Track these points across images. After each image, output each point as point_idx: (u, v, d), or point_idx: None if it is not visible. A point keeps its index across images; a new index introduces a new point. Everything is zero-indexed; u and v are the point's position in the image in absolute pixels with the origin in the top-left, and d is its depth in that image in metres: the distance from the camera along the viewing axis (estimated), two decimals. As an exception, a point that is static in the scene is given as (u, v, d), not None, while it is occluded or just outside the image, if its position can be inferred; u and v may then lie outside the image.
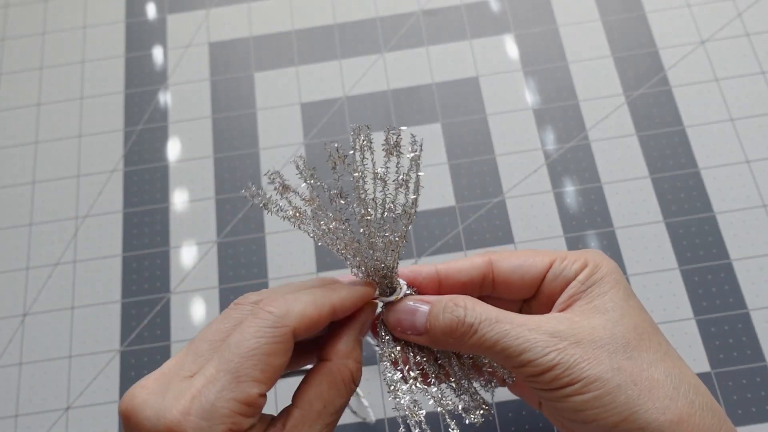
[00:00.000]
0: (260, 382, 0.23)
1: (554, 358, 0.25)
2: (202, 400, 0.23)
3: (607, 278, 0.27)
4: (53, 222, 0.43)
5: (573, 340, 0.26)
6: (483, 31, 0.46)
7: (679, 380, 0.26)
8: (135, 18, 0.49)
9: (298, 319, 0.25)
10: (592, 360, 0.25)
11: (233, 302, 0.26)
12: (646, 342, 0.26)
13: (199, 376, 0.24)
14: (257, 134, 0.44)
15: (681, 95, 0.43)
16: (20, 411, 0.38)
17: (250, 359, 0.24)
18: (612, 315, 0.26)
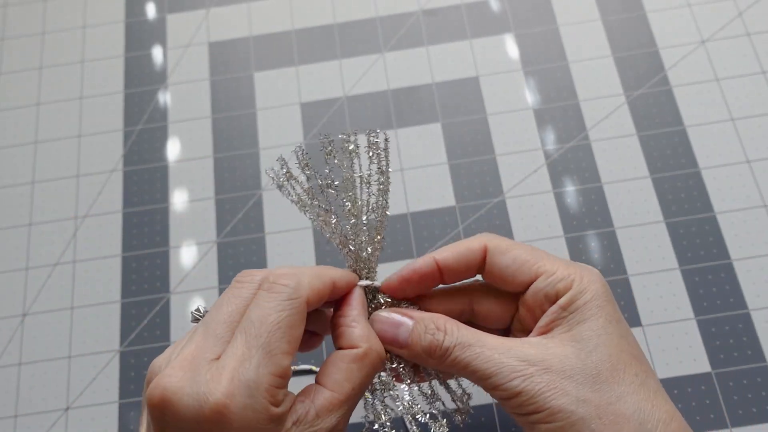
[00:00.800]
0: (288, 353, 0.25)
1: (518, 385, 0.26)
2: (242, 378, 0.24)
3: (589, 304, 0.27)
4: (53, 222, 0.43)
5: (542, 366, 0.26)
6: (483, 31, 0.46)
7: (648, 415, 0.25)
8: (135, 18, 0.49)
9: (309, 290, 0.26)
10: (558, 390, 0.25)
11: (234, 280, 0.27)
12: (621, 373, 0.26)
13: (228, 357, 0.24)
14: (257, 134, 0.44)
15: (681, 95, 0.43)
16: (20, 411, 0.38)
17: (277, 333, 0.24)
18: (587, 344, 0.26)
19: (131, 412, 0.38)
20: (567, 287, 0.27)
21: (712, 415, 0.35)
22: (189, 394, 0.24)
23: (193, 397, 0.24)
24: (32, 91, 0.47)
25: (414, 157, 0.43)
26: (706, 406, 0.36)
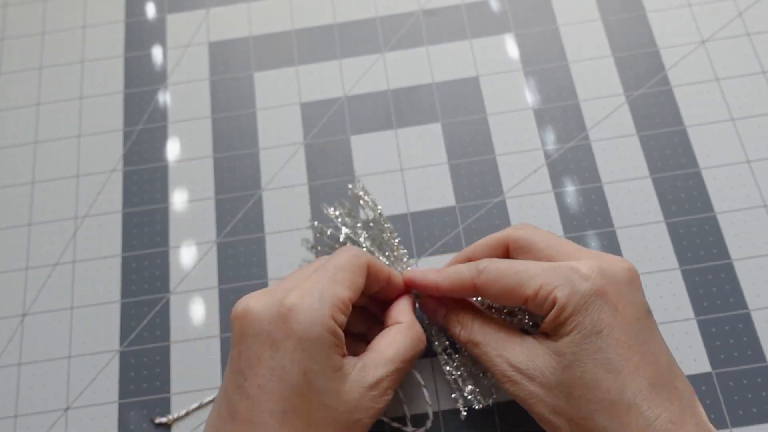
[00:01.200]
0: (349, 288, 0.30)
1: (508, 389, 0.30)
2: (312, 291, 0.29)
3: (569, 320, 0.28)
4: (52, 222, 0.43)
5: (528, 375, 0.29)
6: (483, 31, 0.46)
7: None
8: (134, 18, 0.49)
9: (369, 260, 0.32)
10: (538, 399, 0.29)
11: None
12: (592, 390, 0.28)
13: (302, 281, 0.30)
14: (257, 134, 0.44)
15: (681, 95, 0.43)
16: (19, 411, 0.38)
17: (342, 270, 0.30)
18: (565, 359, 0.28)
19: (131, 412, 0.38)
20: (551, 305, 0.29)
21: (713, 415, 0.35)
22: (267, 302, 0.29)
23: (270, 304, 0.29)
24: (32, 91, 0.47)
25: (414, 157, 0.43)
26: (706, 407, 0.35)
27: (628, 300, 0.29)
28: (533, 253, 0.32)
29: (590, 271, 0.29)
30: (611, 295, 0.29)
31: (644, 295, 0.30)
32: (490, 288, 0.31)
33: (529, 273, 0.30)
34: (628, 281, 0.30)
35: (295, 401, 0.28)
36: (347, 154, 0.43)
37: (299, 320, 0.28)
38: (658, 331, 0.30)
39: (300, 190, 0.42)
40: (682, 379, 0.29)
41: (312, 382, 0.28)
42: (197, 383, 0.38)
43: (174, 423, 0.37)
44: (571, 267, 0.29)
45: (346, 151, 0.43)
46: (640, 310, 0.29)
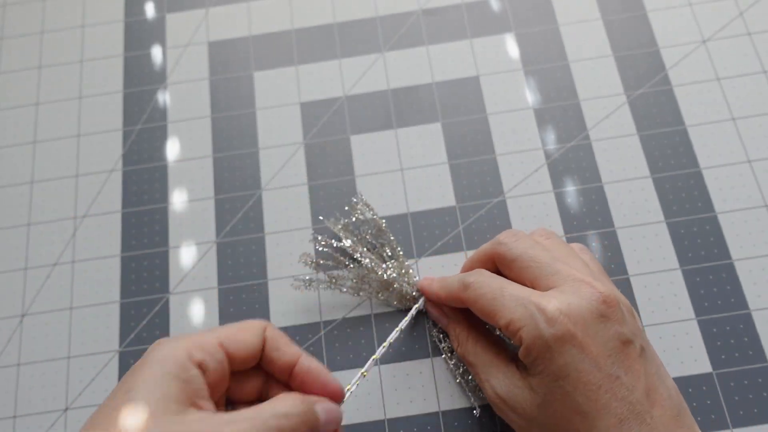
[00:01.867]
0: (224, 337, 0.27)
1: (496, 412, 0.32)
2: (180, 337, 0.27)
3: (537, 361, 0.29)
4: (52, 222, 0.43)
5: (510, 405, 0.31)
6: (483, 31, 0.46)
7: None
8: (134, 17, 0.49)
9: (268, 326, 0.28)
10: (518, 428, 0.31)
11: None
12: (565, 428, 0.29)
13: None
14: (257, 134, 0.44)
15: (682, 94, 0.43)
16: (18, 412, 0.38)
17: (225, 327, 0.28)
18: (538, 396, 0.29)
19: (130, 412, 0.38)
20: (519, 341, 0.30)
21: (713, 415, 0.35)
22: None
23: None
24: (31, 91, 0.47)
25: (414, 157, 0.43)
26: (707, 407, 0.35)
27: (600, 337, 0.29)
28: (514, 271, 0.32)
29: (556, 313, 0.28)
30: (579, 337, 0.28)
31: (623, 323, 0.29)
32: (473, 305, 0.32)
33: (502, 303, 0.30)
34: (598, 316, 0.29)
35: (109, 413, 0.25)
36: (347, 154, 0.43)
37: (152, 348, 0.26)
38: (641, 355, 0.29)
39: (300, 190, 0.42)
40: (664, 399, 0.29)
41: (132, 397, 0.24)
42: (197, 384, 0.38)
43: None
44: (538, 306, 0.29)
45: (346, 151, 0.43)
46: (612, 345, 0.29)
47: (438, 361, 0.37)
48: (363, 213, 0.40)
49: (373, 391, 0.37)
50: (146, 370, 0.25)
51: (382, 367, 0.37)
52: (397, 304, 0.38)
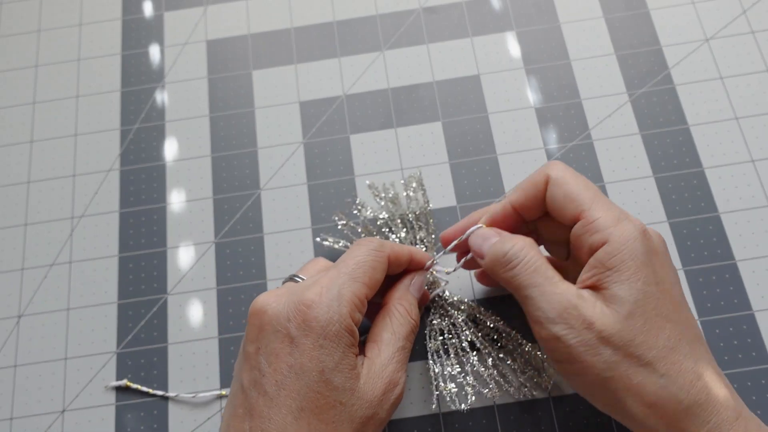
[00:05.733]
0: (367, 285, 0.30)
1: (559, 332, 0.28)
2: (331, 289, 0.29)
3: (625, 265, 0.28)
4: (49, 222, 0.42)
5: (585, 322, 0.27)
6: (484, 29, 0.46)
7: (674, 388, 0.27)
8: (131, 15, 0.48)
9: (390, 249, 0.32)
10: (593, 349, 0.27)
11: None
12: (654, 338, 0.27)
13: (321, 277, 0.30)
14: (255, 133, 0.44)
15: (685, 93, 0.43)
16: (15, 414, 0.38)
17: (361, 267, 0.30)
18: (623, 307, 0.27)
19: (128, 414, 0.37)
20: (602, 241, 0.28)
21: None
22: (286, 299, 0.29)
23: (289, 301, 0.29)
24: (28, 90, 0.46)
25: (414, 157, 0.42)
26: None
27: (670, 265, 0.30)
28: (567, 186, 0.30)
29: (643, 227, 0.29)
30: (663, 255, 0.29)
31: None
32: (558, 189, 0.30)
33: (592, 201, 0.29)
34: (665, 249, 0.30)
35: (312, 398, 0.28)
36: (347, 153, 0.43)
37: (318, 318, 0.28)
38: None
39: (299, 189, 0.42)
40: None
41: (329, 379, 0.28)
42: (195, 385, 0.38)
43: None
44: (628, 216, 0.29)
45: (346, 150, 0.43)
46: (676, 277, 0.30)
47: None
48: (415, 190, 0.40)
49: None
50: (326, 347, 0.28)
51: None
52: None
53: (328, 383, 0.28)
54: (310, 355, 0.28)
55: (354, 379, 0.29)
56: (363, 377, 0.29)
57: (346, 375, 0.28)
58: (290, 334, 0.28)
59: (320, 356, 0.28)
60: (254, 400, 0.28)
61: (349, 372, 0.28)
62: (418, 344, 0.38)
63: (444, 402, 0.36)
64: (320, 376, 0.28)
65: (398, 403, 0.30)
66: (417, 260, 0.34)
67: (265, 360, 0.29)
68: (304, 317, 0.28)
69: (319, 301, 0.29)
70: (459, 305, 0.37)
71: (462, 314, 0.36)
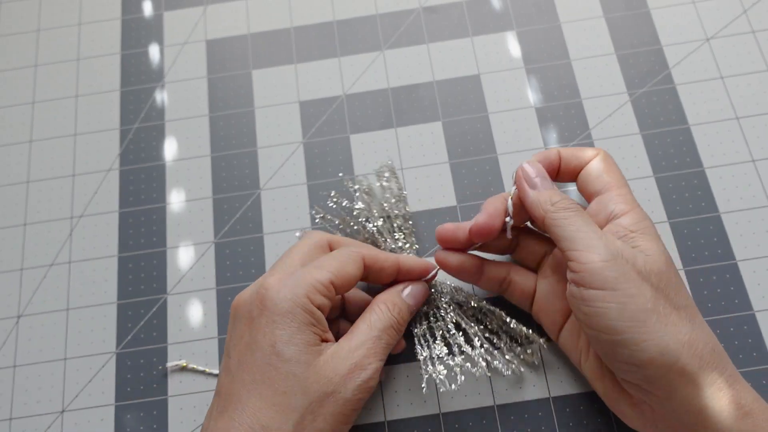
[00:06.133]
0: (334, 273, 0.31)
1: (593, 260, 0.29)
2: (292, 274, 0.31)
3: (650, 230, 0.31)
4: (48, 222, 0.42)
5: (618, 255, 0.29)
6: (484, 28, 0.46)
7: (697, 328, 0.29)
8: (131, 15, 0.48)
9: (368, 251, 0.34)
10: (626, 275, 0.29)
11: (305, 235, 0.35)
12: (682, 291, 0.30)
13: (288, 267, 0.32)
14: (255, 133, 0.44)
15: (685, 93, 0.43)
16: (14, 414, 0.38)
17: (329, 258, 0.32)
18: (651, 256, 0.30)
19: (128, 414, 0.37)
20: (624, 211, 0.32)
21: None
22: (251, 288, 0.32)
23: (252, 288, 0.32)
24: (27, 89, 0.46)
25: (414, 157, 0.42)
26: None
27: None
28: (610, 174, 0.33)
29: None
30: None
31: None
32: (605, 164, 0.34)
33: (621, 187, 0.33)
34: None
35: (264, 370, 0.30)
36: (347, 153, 0.43)
37: (272, 297, 0.30)
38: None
39: (299, 189, 0.42)
40: None
41: (281, 351, 0.30)
42: (195, 386, 0.38)
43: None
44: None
45: (346, 150, 0.43)
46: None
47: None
48: (389, 180, 0.40)
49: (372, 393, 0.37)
50: (279, 322, 0.30)
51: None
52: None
53: (280, 355, 0.30)
54: (264, 330, 0.30)
55: (310, 354, 0.30)
56: (326, 355, 0.30)
57: (301, 348, 0.30)
58: (251, 316, 0.31)
59: (273, 330, 0.30)
60: (222, 380, 0.31)
61: (304, 346, 0.30)
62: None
63: (432, 385, 0.36)
64: (272, 348, 0.30)
65: (368, 388, 0.31)
66: (407, 270, 0.35)
67: (232, 344, 0.31)
68: (261, 298, 0.31)
69: (276, 284, 0.31)
70: (441, 289, 0.37)
71: (445, 297, 0.37)
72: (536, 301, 0.35)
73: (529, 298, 0.36)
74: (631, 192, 0.33)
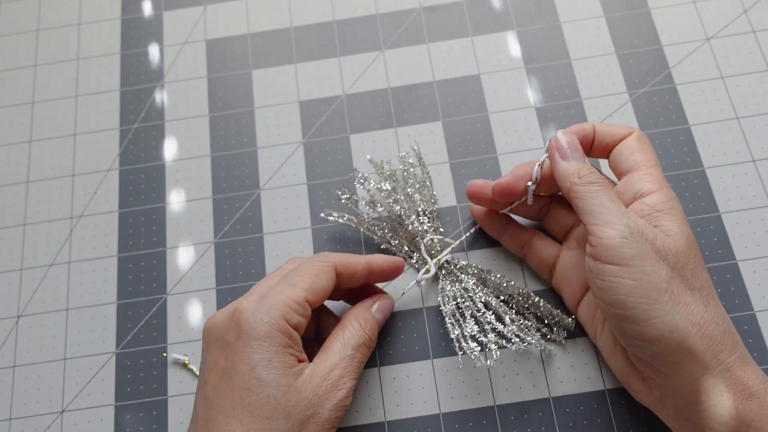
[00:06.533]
0: (307, 290, 0.32)
1: (613, 236, 0.29)
2: (266, 295, 0.31)
3: (676, 210, 0.31)
4: (47, 222, 0.42)
5: (639, 233, 0.29)
6: (484, 28, 0.46)
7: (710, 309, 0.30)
8: (131, 15, 0.48)
9: (338, 259, 0.34)
10: (646, 254, 0.29)
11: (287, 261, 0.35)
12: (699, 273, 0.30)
13: (262, 288, 0.32)
14: (255, 133, 0.44)
15: (686, 93, 0.42)
16: (14, 414, 0.38)
17: (302, 275, 0.32)
18: (680, 240, 0.30)
19: (127, 415, 0.37)
20: (651, 191, 0.32)
21: (718, 418, 0.35)
22: (225, 311, 0.32)
23: (227, 311, 0.32)
24: (26, 89, 0.46)
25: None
26: (711, 410, 0.35)
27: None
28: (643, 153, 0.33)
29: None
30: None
31: None
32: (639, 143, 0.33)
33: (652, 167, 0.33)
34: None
35: (244, 396, 0.29)
36: (347, 153, 0.43)
37: (249, 321, 0.30)
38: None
39: (299, 189, 0.42)
40: None
41: (260, 376, 0.29)
42: (195, 386, 0.38)
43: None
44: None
45: (346, 150, 0.43)
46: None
47: (438, 363, 0.37)
48: (413, 164, 0.40)
49: (372, 394, 0.37)
50: (257, 346, 0.30)
51: (381, 369, 0.37)
52: (415, 262, 0.38)
53: (259, 379, 0.29)
54: (241, 355, 0.30)
55: (290, 377, 0.30)
56: (304, 377, 0.30)
57: (279, 371, 0.30)
58: (227, 341, 0.31)
59: (251, 355, 0.30)
60: (198, 407, 0.31)
61: (283, 369, 0.30)
62: (419, 344, 0.37)
63: (470, 361, 0.36)
64: (251, 373, 0.30)
65: (344, 406, 0.31)
66: (378, 270, 0.35)
67: (207, 369, 0.31)
68: (237, 323, 0.30)
69: (251, 307, 0.31)
70: (467, 269, 0.37)
71: (472, 278, 0.37)
72: (558, 271, 0.36)
73: (547, 267, 0.36)
74: (662, 173, 0.33)
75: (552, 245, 0.37)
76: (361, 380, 0.37)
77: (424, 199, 0.39)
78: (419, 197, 0.39)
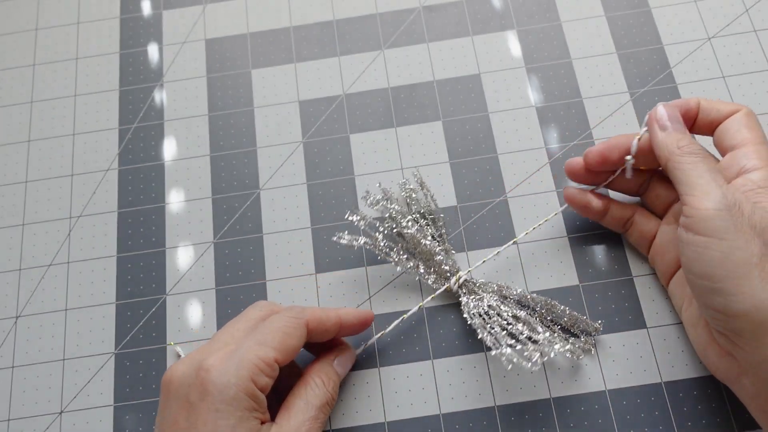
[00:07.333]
0: (277, 349, 0.30)
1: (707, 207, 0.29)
2: (234, 353, 0.30)
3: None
4: (46, 222, 0.42)
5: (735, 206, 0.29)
6: (485, 28, 0.45)
7: None
8: (130, 14, 0.48)
9: (311, 315, 0.33)
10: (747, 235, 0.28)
11: (251, 306, 0.34)
12: None
13: (229, 344, 0.31)
14: (255, 132, 0.44)
15: (687, 93, 0.42)
16: (13, 415, 0.38)
17: (272, 332, 0.31)
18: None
19: (126, 415, 0.37)
20: (757, 167, 0.31)
21: (718, 418, 0.35)
22: (188, 365, 0.30)
23: (190, 367, 0.30)
24: (25, 89, 0.46)
25: (414, 156, 0.42)
26: (712, 410, 0.35)
27: None
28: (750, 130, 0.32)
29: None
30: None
31: None
32: (747, 119, 0.33)
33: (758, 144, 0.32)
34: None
35: None
36: (347, 153, 0.43)
37: (215, 382, 0.29)
38: None
39: (299, 189, 0.42)
40: None
41: None
42: (194, 386, 0.37)
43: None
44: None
45: (346, 150, 0.43)
46: None
47: (438, 364, 0.37)
48: (416, 192, 0.40)
49: (372, 394, 0.36)
50: (222, 410, 0.28)
51: (381, 369, 0.37)
52: (433, 282, 0.37)
53: None
54: (205, 419, 0.28)
55: None
56: None
57: None
58: (189, 400, 0.29)
59: (216, 419, 0.28)
60: None
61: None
62: (420, 345, 0.37)
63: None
64: None
65: None
66: (348, 325, 0.34)
67: (165, 427, 0.30)
68: (202, 382, 0.29)
69: (218, 365, 0.29)
70: (486, 287, 0.37)
71: (495, 294, 0.37)
72: (655, 245, 0.36)
73: (647, 242, 0.36)
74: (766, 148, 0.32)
75: (652, 220, 0.36)
76: (361, 380, 0.37)
77: (432, 224, 0.39)
78: (425, 222, 0.39)
